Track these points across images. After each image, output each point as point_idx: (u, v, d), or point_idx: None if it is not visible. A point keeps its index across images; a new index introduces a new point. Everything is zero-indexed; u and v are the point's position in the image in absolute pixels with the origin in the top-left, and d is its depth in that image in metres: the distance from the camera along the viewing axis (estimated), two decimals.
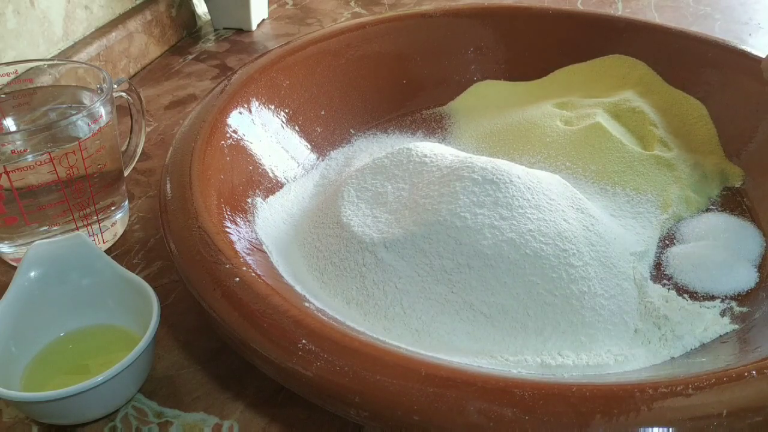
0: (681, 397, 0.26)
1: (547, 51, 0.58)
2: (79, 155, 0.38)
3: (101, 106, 0.40)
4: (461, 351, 0.32)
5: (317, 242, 0.38)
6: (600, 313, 0.34)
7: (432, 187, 0.38)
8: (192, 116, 0.43)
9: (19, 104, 0.42)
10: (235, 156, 0.42)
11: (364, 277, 0.35)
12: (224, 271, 0.31)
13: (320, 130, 0.51)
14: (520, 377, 0.28)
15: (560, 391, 0.26)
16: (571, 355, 0.33)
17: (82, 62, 0.44)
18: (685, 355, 0.34)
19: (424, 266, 0.35)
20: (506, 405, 0.26)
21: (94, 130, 0.39)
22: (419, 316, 0.34)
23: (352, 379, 0.27)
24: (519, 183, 0.37)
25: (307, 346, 0.28)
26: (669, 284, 0.39)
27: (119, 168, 0.43)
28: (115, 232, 0.44)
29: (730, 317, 0.36)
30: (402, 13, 0.58)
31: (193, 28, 0.80)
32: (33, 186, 0.38)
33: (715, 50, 0.51)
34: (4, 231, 0.40)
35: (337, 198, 0.40)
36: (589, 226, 0.37)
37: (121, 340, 0.35)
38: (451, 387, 0.26)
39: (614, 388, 0.26)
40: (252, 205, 0.40)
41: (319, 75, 0.52)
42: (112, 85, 0.41)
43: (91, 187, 0.40)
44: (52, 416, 0.31)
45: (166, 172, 0.38)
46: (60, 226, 0.40)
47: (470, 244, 0.34)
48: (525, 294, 0.33)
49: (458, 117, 0.56)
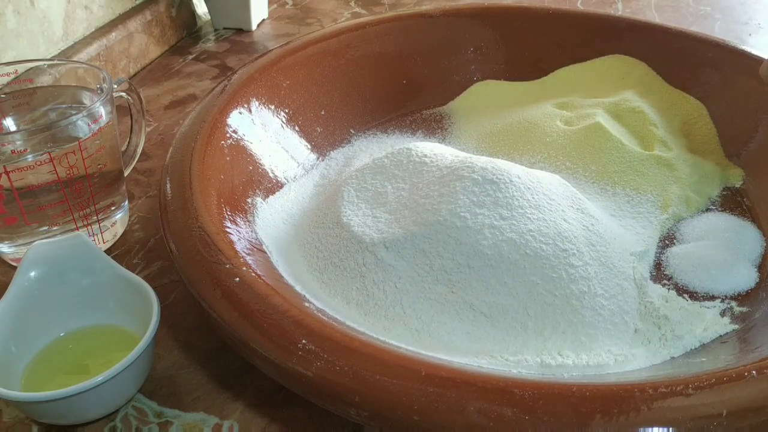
0: (681, 397, 0.26)
1: (547, 51, 0.58)
2: (79, 155, 0.38)
3: (101, 106, 0.40)
4: (461, 351, 0.32)
5: (317, 242, 0.38)
6: (600, 313, 0.34)
7: (432, 187, 0.38)
8: (192, 116, 0.43)
9: (19, 104, 0.42)
10: (235, 156, 0.42)
11: (364, 277, 0.35)
12: (224, 271, 0.31)
13: (320, 130, 0.51)
14: (520, 377, 0.28)
15: (560, 391, 0.26)
16: (571, 355, 0.33)
17: (82, 62, 0.44)
18: (685, 355, 0.34)
19: (424, 266, 0.35)
20: (506, 405, 0.26)
21: (94, 130, 0.39)
22: (419, 316, 0.34)
23: (352, 379, 0.27)
24: (519, 183, 0.37)
25: (307, 346, 0.28)
26: (669, 284, 0.39)
27: (119, 168, 0.43)
28: (115, 232, 0.44)
29: (730, 317, 0.36)
30: (402, 13, 0.58)
31: (193, 28, 0.80)
32: (33, 186, 0.38)
33: (715, 50, 0.51)
34: (4, 231, 0.40)
35: (337, 198, 0.40)
36: (589, 226, 0.37)
37: (121, 340, 0.35)
38: (451, 387, 0.26)
39: (614, 387, 0.26)
40: (252, 205, 0.40)
41: (319, 75, 0.52)
42: (112, 85, 0.41)
43: (91, 187, 0.40)
44: (52, 416, 0.31)
45: (166, 172, 0.38)
46: (60, 226, 0.40)
47: (470, 244, 0.34)
48: (525, 294, 0.33)
49: (458, 117, 0.56)
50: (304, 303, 0.32)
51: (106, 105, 0.40)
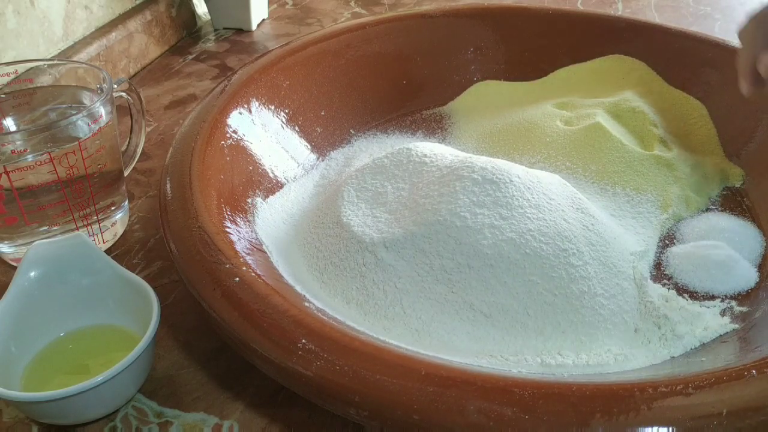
0: (681, 397, 0.26)
1: (547, 51, 0.58)
2: (79, 155, 0.38)
3: (101, 106, 0.40)
4: (461, 351, 0.32)
5: (317, 242, 0.38)
6: (600, 313, 0.34)
7: (432, 186, 0.38)
8: (192, 116, 0.43)
9: (19, 104, 0.42)
10: (235, 156, 0.42)
11: (364, 276, 0.35)
12: (224, 271, 0.31)
13: (320, 130, 0.51)
14: (519, 377, 0.28)
15: (560, 390, 0.26)
16: (571, 355, 0.33)
17: (82, 62, 0.44)
18: (685, 355, 0.34)
19: (424, 266, 0.35)
20: (506, 404, 0.26)
21: (94, 130, 0.39)
22: (419, 316, 0.34)
23: (352, 378, 0.27)
24: (519, 183, 0.37)
25: (307, 346, 0.28)
26: (669, 284, 0.39)
27: (119, 168, 0.43)
28: (115, 232, 0.44)
29: (730, 317, 0.36)
30: (402, 14, 0.58)
31: (193, 28, 0.80)
32: (33, 186, 0.38)
33: (715, 50, 0.51)
34: (4, 231, 0.40)
35: (337, 198, 0.40)
36: (589, 225, 0.37)
37: (121, 340, 0.35)
38: (451, 386, 0.26)
39: (614, 387, 0.26)
40: (252, 205, 0.40)
41: (319, 75, 0.52)
42: (112, 85, 0.41)
43: (91, 187, 0.40)
44: (52, 416, 0.31)
45: (166, 172, 0.38)
46: (60, 226, 0.40)
47: (470, 244, 0.34)
48: (525, 294, 0.33)
49: (458, 117, 0.56)
50: (304, 303, 0.32)
51: (106, 105, 0.40)
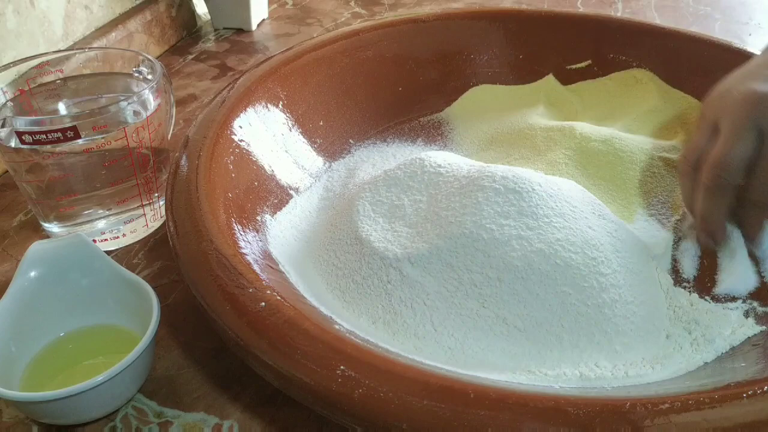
0: (738, 405, 0.25)
1: (542, 54, 0.58)
2: (146, 130, 0.40)
3: (155, 87, 0.41)
4: (498, 367, 0.31)
5: (335, 259, 0.37)
6: (632, 321, 0.33)
7: (452, 198, 0.37)
8: (192, 131, 0.41)
9: (78, 89, 0.45)
10: (240, 172, 0.41)
11: (390, 294, 0.34)
12: (248, 296, 0.30)
13: (320, 141, 0.50)
14: (571, 395, 0.27)
15: (614, 407, 0.25)
16: (608, 366, 0.32)
17: (120, 48, 0.47)
18: (718, 360, 0.33)
19: (453, 281, 0.33)
20: (561, 425, 0.25)
21: (155, 106, 0.41)
22: (451, 333, 0.33)
23: (398, 405, 0.25)
24: (541, 191, 0.36)
25: (346, 373, 0.26)
26: (689, 287, 0.39)
27: (167, 148, 0.45)
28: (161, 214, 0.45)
29: (754, 318, 0.36)
30: (395, 19, 0.57)
31: (193, 28, 0.79)
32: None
33: (715, 50, 0.52)
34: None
35: (352, 212, 0.39)
36: (612, 232, 0.37)
37: (121, 340, 0.35)
38: (504, 409, 0.25)
39: (669, 400, 0.26)
40: (262, 222, 0.39)
41: (314, 85, 0.51)
42: (162, 70, 0.43)
43: (155, 164, 0.42)
44: (52, 416, 0.31)
45: (169, 206, 0.36)
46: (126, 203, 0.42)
47: (499, 257, 0.33)
48: (558, 305, 0.33)
49: (456, 123, 0.56)
50: (334, 326, 0.30)
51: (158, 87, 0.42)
